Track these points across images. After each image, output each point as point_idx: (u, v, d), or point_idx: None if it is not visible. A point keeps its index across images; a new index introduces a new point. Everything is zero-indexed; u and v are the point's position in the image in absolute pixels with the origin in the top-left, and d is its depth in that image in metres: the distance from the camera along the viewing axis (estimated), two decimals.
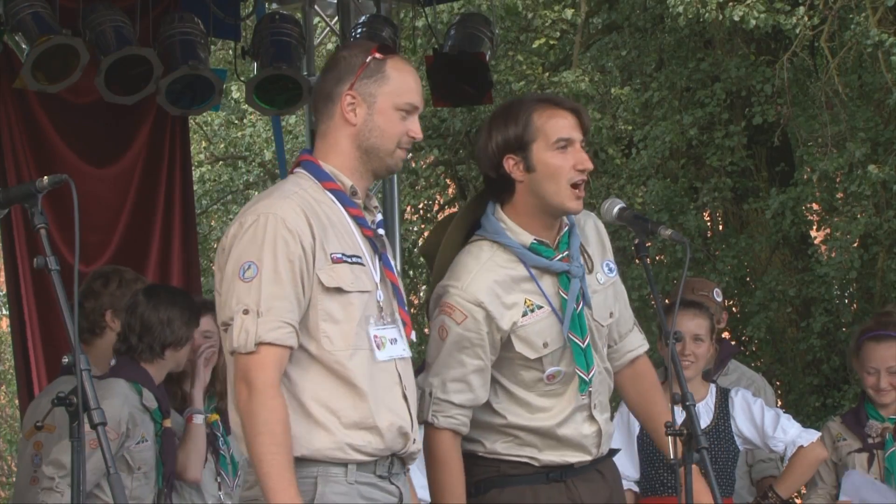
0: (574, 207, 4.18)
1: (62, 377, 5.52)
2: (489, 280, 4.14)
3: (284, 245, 3.69)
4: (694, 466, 3.98)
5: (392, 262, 3.93)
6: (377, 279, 3.84)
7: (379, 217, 3.94)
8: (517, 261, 4.19)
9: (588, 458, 4.29)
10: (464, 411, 4.16)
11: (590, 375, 4.24)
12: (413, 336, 3.94)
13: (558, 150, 4.16)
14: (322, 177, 3.85)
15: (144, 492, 5.20)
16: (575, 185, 4.16)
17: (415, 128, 3.89)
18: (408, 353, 3.91)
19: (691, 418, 3.97)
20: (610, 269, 4.35)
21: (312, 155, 3.91)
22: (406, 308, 3.95)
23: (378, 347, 3.80)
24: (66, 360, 3.58)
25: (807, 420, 10.96)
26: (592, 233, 4.36)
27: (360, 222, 3.86)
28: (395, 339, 3.86)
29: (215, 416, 5.69)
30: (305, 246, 3.71)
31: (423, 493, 4.39)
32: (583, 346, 4.21)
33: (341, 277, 3.74)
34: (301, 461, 3.71)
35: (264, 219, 3.72)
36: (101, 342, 5.60)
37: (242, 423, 3.67)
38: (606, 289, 4.34)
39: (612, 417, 4.50)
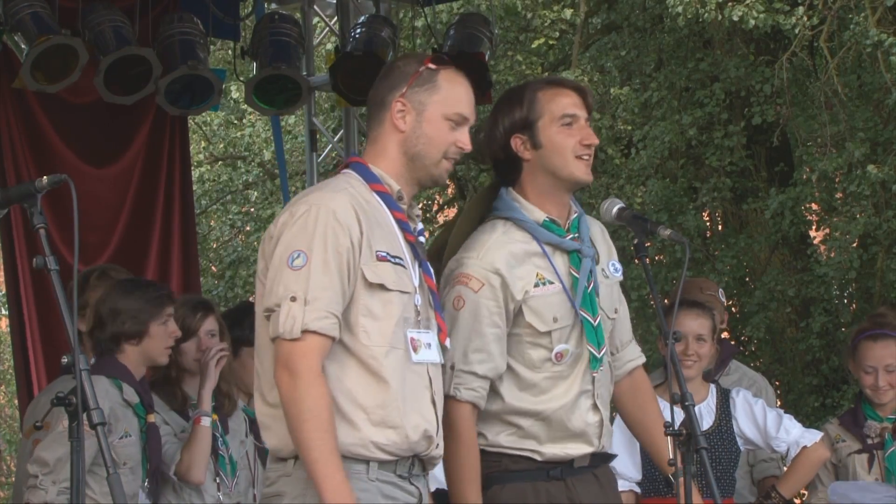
0: (583, 176, 4.26)
1: (62, 377, 5.53)
2: (504, 251, 4.20)
3: (334, 237, 3.73)
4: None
5: (431, 269, 3.98)
6: (416, 283, 3.89)
7: (420, 226, 4.00)
8: (530, 238, 4.24)
9: (589, 449, 4.29)
10: (484, 383, 4.18)
11: (601, 353, 4.26)
12: (448, 343, 3.97)
13: (563, 125, 4.24)
14: (370, 178, 3.90)
15: (132, 487, 5.20)
16: (580, 157, 4.24)
17: (464, 139, 3.95)
18: (440, 360, 3.95)
19: (690, 419, 3.97)
20: (615, 270, 4.40)
21: (363, 158, 3.97)
22: (442, 314, 4.00)
23: (414, 350, 3.83)
24: (65, 359, 3.58)
25: (806, 420, 10.95)
26: (598, 234, 4.41)
27: (403, 227, 3.91)
28: (430, 344, 3.90)
29: (214, 417, 5.69)
30: (353, 240, 3.75)
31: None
32: (594, 324, 4.25)
33: (385, 275, 3.79)
34: None
35: (316, 209, 3.76)
36: None
37: (286, 411, 3.66)
38: (612, 285, 4.37)
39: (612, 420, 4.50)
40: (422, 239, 3.98)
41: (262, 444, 4.93)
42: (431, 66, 3.97)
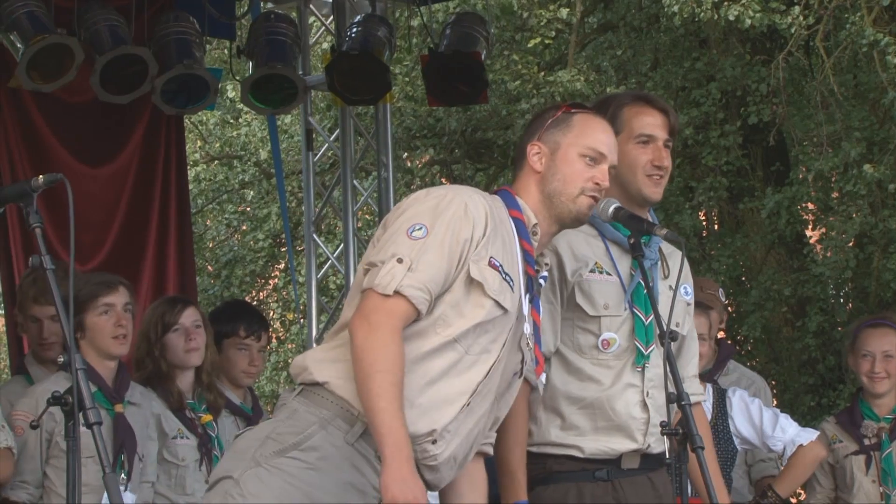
0: (651, 194, 4.37)
1: (52, 376, 5.54)
2: (568, 236, 4.27)
3: (458, 223, 3.76)
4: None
5: (542, 307, 4.03)
6: (525, 311, 3.92)
7: (545, 273, 4.05)
8: (598, 235, 4.34)
9: (633, 445, 4.29)
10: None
11: (647, 350, 4.29)
12: (543, 378, 4.03)
13: (639, 143, 4.35)
14: (511, 204, 3.97)
15: (97, 478, 5.19)
16: (650, 176, 4.34)
17: (601, 175, 4.01)
18: (514, 394, 3.95)
19: (687, 418, 3.96)
20: (686, 293, 4.46)
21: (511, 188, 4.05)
22: (540, 344, 4.03)
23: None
24: (61, 359, 3.58)
25: (802, 419, 10.95)
26: (677, 259, 4.45)
27: (527, 258, 3.94)
28: (518, 370, 3.93)
29: (208, 418, 5.69)
30: (475, 235, 3.79)
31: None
32: (645, 322, 4.29)
33: (488, 279, 3.80)
34: (321, 389, 3.70)
35: (451, 195, 3.81)
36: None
37: (357, 358, 3.60)
38: (678, 302, 4.36)
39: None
40: (542, 282, 4.03)
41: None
42: (569, 110, 4.06)
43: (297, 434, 3.68)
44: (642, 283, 4.27)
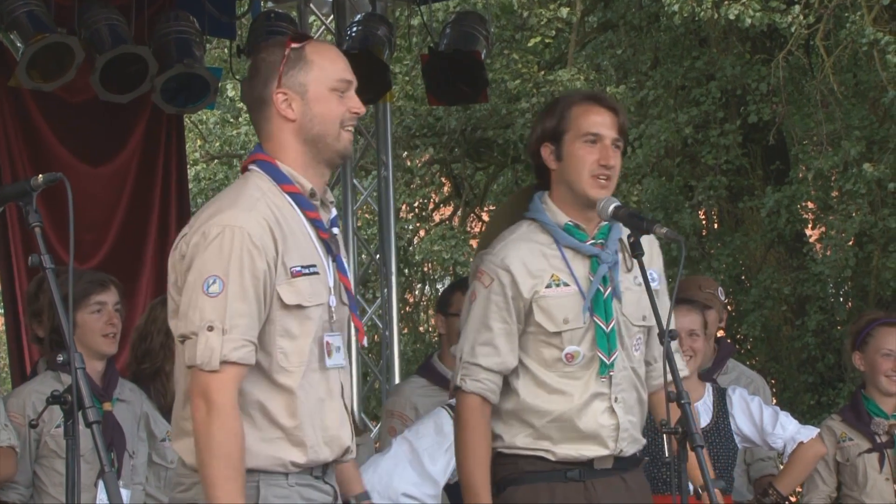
0: (595, 194, 4.29)
1: (38, 376, 5.55)
2: (520, 249, 4.28)
3: (251, 261, 3.62)
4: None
5: (346, 265, 3.86)
6: (330, 284, 3.78)
7: (334, 213, 3.86)
8: (552, 241, 4.31)
9: (605, 451, 4.30)
10: (492, 376, 4.25)
11: (611, 359, 4.28)
12: (364, 342, 3.88)
13: (586, 143, 4.30)
14: (280, 179, 3.77)
15: (88, 477, 5.18)
16: (596, 177, 4.29)
17: (354, 103, 3.82)
18: (346, 364, 3.86)
19: (686, 416, 3.97)
20: (653, 279, 4.37)
21: (268, 154, 3.81)
22: (358, 314, 3.89)
23: (328, 354, 3.75)
24: (60, 358, 3.57)
25: (802, 418, 10.91)
26: (646, 244, 4.37)
27: (317, 225, 3.79)
28: (339, 348, 3.80)
29: None
30: (269, 261, 3.65)
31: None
32: (606, 330, 4.28)
33: (301, 293, 3.69)
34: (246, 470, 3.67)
35: (230, 232, 3.63)
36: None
37: (197, 440, 3.60)
38: (643, 292, 4.31)
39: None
40: (336, 230, 3.85)
41: None
42: (294, 45, 3.79)
43: None
44: (601, 289, 4.26)
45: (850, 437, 5.99)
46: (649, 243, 4.40)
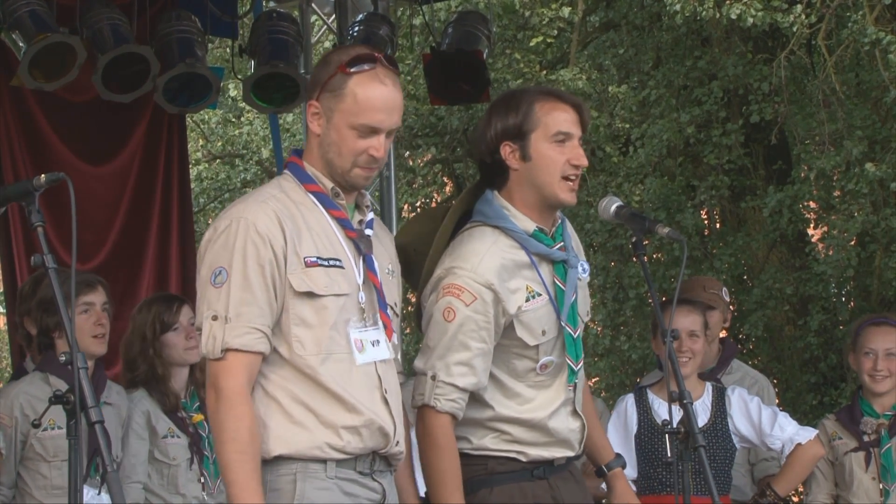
0: (567, 199, 4.18)
1: (27, 377, 5.54)
2: (497, 263, 4.13)
3: (255, 249, 3.68)
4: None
5: (376, 264, 3.87)
6: (360, 281, 3.81)
7: (370, 216, 3.89)
8: (519, 247, 4.18)
9: (571, 453, 4.31)
10: (464, 395, 4.14)
11: (578, 366, 4.26)
12: (395, 339, 3.90)
13: (556, 143, 4.16)
14: (304, 179, 3.85)
15: (66, 478, 5.19)
16: (567, 178, 4.17)
17: (376, 145, 3.80)
18: (390, 355, 3.88)
19: (689, 416, 3.97)
20: (584, 270, 4.33)
21: (300, 156, 3.91)
22: (387, 311, 3.90)
23: (358, 350, 3.77)
24: (62, 357, 3.58)
25: (804, 418, 10.96)
26: (571, 233, 4.35)
27: (343, 224, 3.83)
28: (377, 342, 3.83)
29: (199, 417, 5.68)
30: (276, 250, 3.70)
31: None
32: (574, 337, 4.24)
33: (314, 281, 3.72)
34: (280, 459, 3.71)
35: (236, 224, 3.72)
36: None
37: (212, 429, 3.69)
38: (584, 287, 4.34)
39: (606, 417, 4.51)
40: (369, 232, 3.87)
41: None
42: (346, 71, 3.80)
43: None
44: (564, 290, 4.18)
45: (839, 437, 6.01)
46: (573, 234, 4.34)
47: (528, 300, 4.16)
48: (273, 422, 3.69)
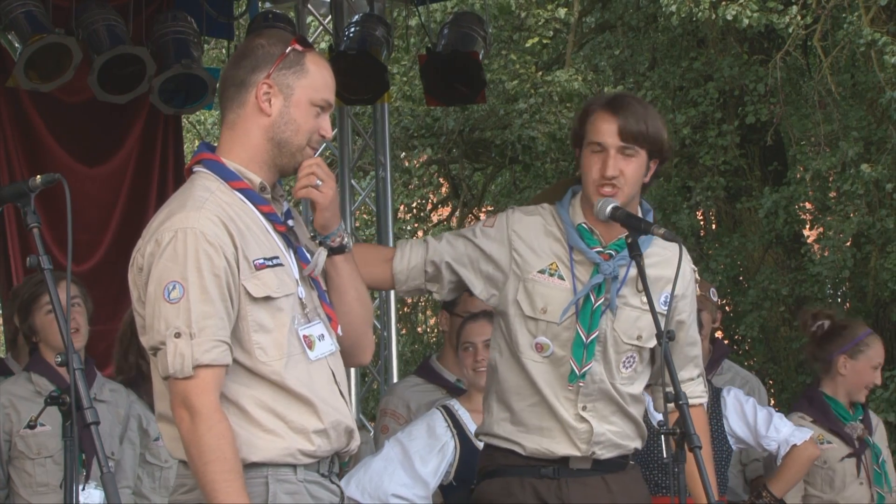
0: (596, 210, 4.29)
1: (11, 377, 5.55)
2: (535, 224, 4.32)
3: (208, 260, 3.54)
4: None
5: (308, 255, 3.78)
6: (297, 276, 3.72)
7: (286, 206, 3.80)
8: (563, 235, 4.32)
9: (576, 451, 4.29)
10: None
11: (582, 370, 4.24)
12: (339, 331, 3.79)
13: (593, 152, 4.28)
14: (228, 176, 3.69)
15: (54, 477, 5.16)
16: (599, 187, 4.27)
17: (326, 126, 3.75)
18: (336, 347, 3.79)
19: (684, 417, 3.96)
20: (664, 303, 4.32)
21: (213, 152, 3.74)
22: (329, 302, 3.81)
23: (309, 347, 3.69)
24: (58, 358, 3.57)
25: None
26: (669, 266, 4.30)
27: (272, 219, 3.71)
28: (323, 335, 3.74)
29: None
30: (229, 257, 3.57)
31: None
32: (585, 340, 4.24)
33: (267, 284, 3.62)
34: (252, 465, 3.62)
35: (182, 234, 3.55)
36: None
37: (188, 451, 3.54)
38: (644, 314, 4.29)
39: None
40: (291, 223, 3.77)
41: None
42: (298, 47, 3.72)
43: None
44: (592, 298, 4.22)
45: (828, 440, 6.02)
46: (682, 275, 4.29)
47: (542, 272, 4.28)
48: (243, 430, 3.60)
